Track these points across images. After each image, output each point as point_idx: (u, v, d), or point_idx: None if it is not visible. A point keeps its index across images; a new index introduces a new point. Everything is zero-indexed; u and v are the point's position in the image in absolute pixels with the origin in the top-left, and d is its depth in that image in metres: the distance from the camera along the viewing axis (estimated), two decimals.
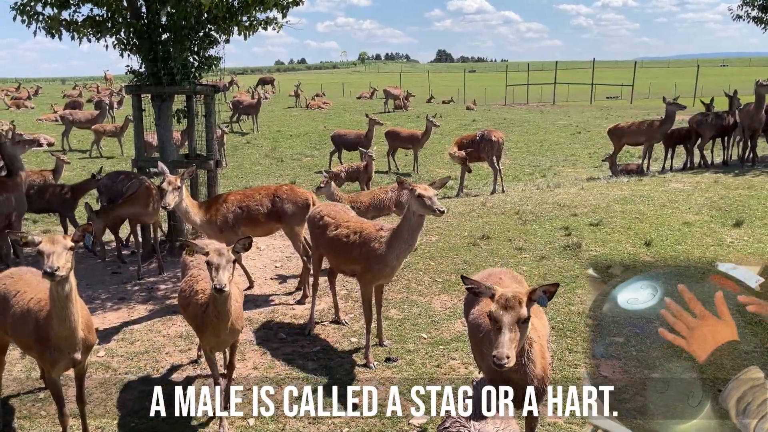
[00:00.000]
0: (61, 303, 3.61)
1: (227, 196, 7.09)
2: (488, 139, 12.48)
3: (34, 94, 38.30)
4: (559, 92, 39.05)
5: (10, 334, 4.20)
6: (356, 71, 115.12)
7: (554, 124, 24.99)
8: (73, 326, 3.70)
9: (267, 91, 38.04)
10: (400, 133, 16.45)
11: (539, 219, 9.56)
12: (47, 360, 3.87)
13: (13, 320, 4.01)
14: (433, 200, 4.89)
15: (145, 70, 8.24)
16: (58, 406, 4.05)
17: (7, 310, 4.07)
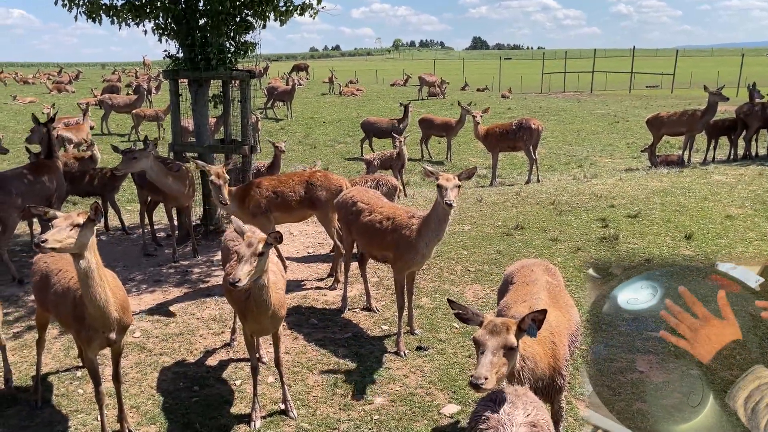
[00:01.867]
0: (82, 280, 3.64)
1: (261, 181, 7.12)
2: (527, 127, 12.19)
3: (75, 79, 39.15)
4: (597, 81, 38.24)
5: (52, 311, 4.30)
6: (390, 58, 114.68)
7: (591, 113, 24.51)
8: (101, 305, 3.73)
9: (301, 77, 38.15)
10: (433, 120, 16.32)
11: (575, 210, 9.38)
12: (83, 338, 3.94)
13: (55, 298, 4.10)
14: (447, 192, 4.77)
15: (182, 55, 8.31)
16: (95, 383, 4.12)
17: (48, 288, 4.18)
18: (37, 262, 4.51)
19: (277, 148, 9.16)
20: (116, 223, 9.31)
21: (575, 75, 39.49)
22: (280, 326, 4.41)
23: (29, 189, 7.28)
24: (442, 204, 4.83)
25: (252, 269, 3.65)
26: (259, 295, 3.95)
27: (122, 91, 27.61)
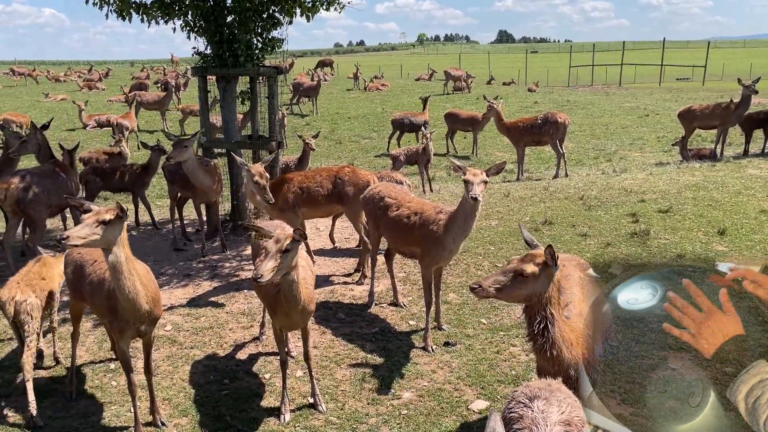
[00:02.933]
0: (112, 273, 3.72)
1: (289, 177, 7.16)
2: (553, 122, 12.08)
3: (105, 76, 39.83)
4: (626, 74, 37.62)
5: (88, 301, 4.40)
6: (415, 53, 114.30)
7: (620, 106, 24.14)
8: (131, 297, 3.80)
9: (326, 73, 38.25)
10: (459, 115, 16.23)
11: (605, 205, 9.26)
12: (116, 329, 4.04)
13: (90, 288, 4.19)
14: (473, 187, 4.74)
15: (210, 52, 8.38)
16: (127, 374, 4.20)
17: (84, 278, 4.27)
18: (71, 254, 4.60)
19: (308, 145, 9.19)
20: (146, 218, 9.44)
21: (603, 68, 38.89)
22: (309, 321, 4.43)
23: (56, 187, 7.43)
24: (468, 198, 4.80)
25: (276, 265, 3.66)
26: (289, 290, 3.97)
27: (150, 89, 27.97)
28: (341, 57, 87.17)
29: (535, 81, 34.33)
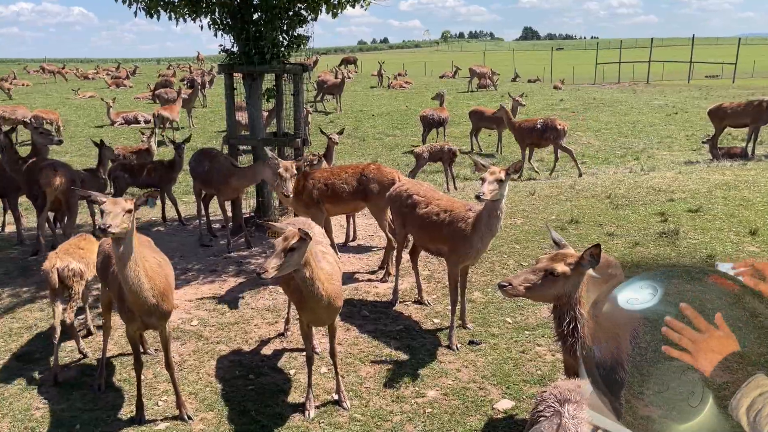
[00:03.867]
0: (120, 264, 3.79)
1: (314, 173, 7.18)
2: (552, 127, 12.45)
3: (132, 74, 40.37)
4: (653, 71, 37.01)
5: (110, 289, 4.52)
6: (438, 50, 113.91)
7: (648, 104, 23.76)
8: (135, 289, 3.87)
9: (350, 70, 38.31)
10: (484, 112, 16.11)
11: (632, 203, 9.12)
12: (123, 317, 4.23)
13: (111, 278, 4.31)
14: (485, 185, 4.69)
15: (237, 50, 8.43)
16: (134, 355, 4.40)
17: (108, 268, 4.38)
18: (102, 244, 4.76)
19: (331, 140, 9.20)
20: (173, 214, 9.55)
21: (630, 65, 38.31)
22: (336, 317, 4.44)
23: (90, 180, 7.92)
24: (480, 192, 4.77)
25: (281, 263, 3.66)
26: (305, 286, 3.97)
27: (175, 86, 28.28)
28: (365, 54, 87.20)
29: (560, 78, 33.96)
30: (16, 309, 6.36)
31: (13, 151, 8.12)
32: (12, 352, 5.45)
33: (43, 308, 6.35)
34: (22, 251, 8.27)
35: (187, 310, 6.17)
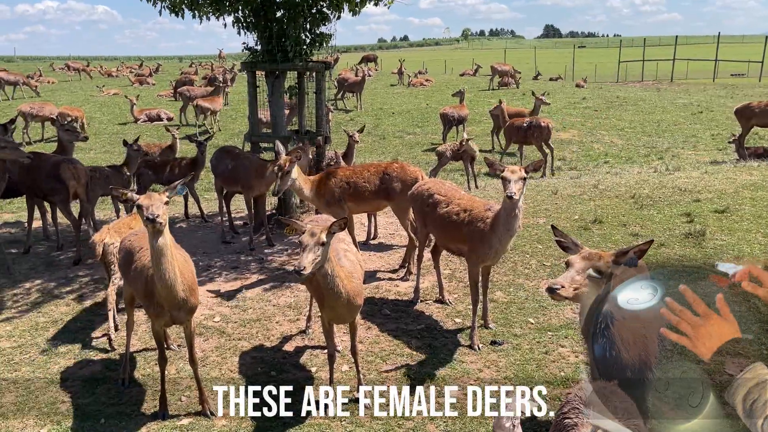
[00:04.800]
0: (157, 257, 3.82)
1: (336, 171, 7.18)
2: (537, 126, 12.98)
3: (155, 72, 40.76)
4: (678, 69, 36.45)
5: (131, 286, 4.57)
6: (459, 48, 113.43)
7: (672, 102, 23.41)
8: (169, 284, 3.91)
9: (370, 68, 38.29)
10: (506, 111, 15.95)
11: (657, 204, 8.99)
12: (151, 313, 4.24)
13: (134, 273, 4.35)
14: (510, 185, 4.64)
15: (260, 48, 8.47)
16: (159, 350, 4.43)
17: (131, 264, 4.43)
18: (124, 241, 4.80)
19: (352, 138, 9.20)
20: (195, 210, 9.63)
21: (654, 63, 37.77)
22: (357, 315, 4.43)
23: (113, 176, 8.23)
24: (504, 196, 4.72)
25: (316, 257, 3.69)
26: (326, 283, 3.98)
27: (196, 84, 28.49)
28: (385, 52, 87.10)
29: (583, 77, 33.60)
30: (42, 303, 6.46)
31: None
32: (38, 346, 5.53)
33: (69, 303, 6.45)
34: (48, 246, 8.40)
35: (209, 307, 6.21)
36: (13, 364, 5.21)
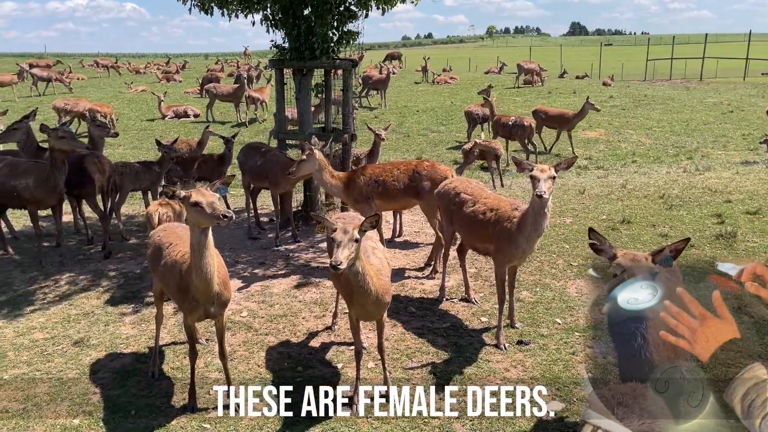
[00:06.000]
0: (201, 251, 3.87)
1: (365, 168, 7.20)
2: (520, 124, 13.50)
3: (182, 69, 41.18)
4: (707, 68, 35.79)
5: (160, 281, 4.61)
6: (483, 45, 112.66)
7: (702, 102, 23.01)
8: (209, 278, 3.96)
9: (395, 66, 38.25)
10: (548, 112, 15.56)
11: (687, 204, 8.85)
12: (185, 308, 4.25)
13: (164, 269, 4.40)
14: (540, 183, 4.59)
15: (288, 45, 8.52)
16: (190, 345, 4.48)
17: (160, 259, 4.48)
18: (152, 236, 4.86)
19: (378, 136, 9.21)
20: None
21: (682, 61, 37.14)
22: (384, 312, 4.44)
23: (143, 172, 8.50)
24: (533, 196, 4.68)
25: (351, 253, 3.73)
26: (356, 280, 4.00)
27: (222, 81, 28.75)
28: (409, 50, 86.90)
29: (609, 75, 33.18)
30: (74, 296, 6.59)
31: (32, 139, 8.15)
32: (70, 337, 5.64)
33: (100, 296, 6.57)
34: (79, 240, 8.56)
35: (236, 302, 6.28)
36: (46, 355, 5.32)
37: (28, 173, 7.07)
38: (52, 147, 6.95)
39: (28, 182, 7.04)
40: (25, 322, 5.97)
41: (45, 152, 7.81)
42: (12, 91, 25.79)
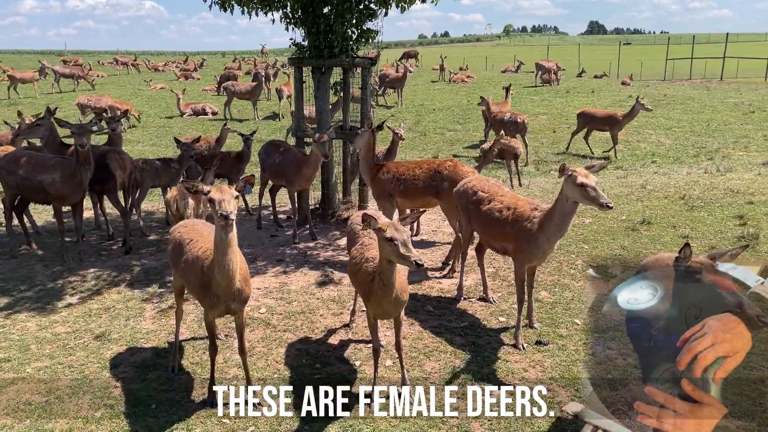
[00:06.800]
0: (224, 249, 3.88)
1: (389, 165, 7.24)
2: (514, 121, 14.07)
3: (200, 66, 41.46)
4: (727, 68, 35.30)
5: (181, 276, 4.63)
6: (500, 44, 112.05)
7: (723, 102, 22.71)
8: (231, 275, 3.97)
9: (411, 64, 38.18)
10: (595, 113, 15.14)
11: (708, 205, 8.75)
12: (206, 304, 4.26)
13: (186, 265, 4.42)
14: (598, 191, 4.55)
15: (307, 43, 8.53)
16: (210, 340, 4.50)
17: (181, 255, 4.51)
18: (173, 233, 4.88)
19: (397, 135, 9.20)
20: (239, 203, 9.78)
21: (702, 61, 36.67)
22: (402, 310, 4.45)
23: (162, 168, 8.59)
24: (595, 204, 4.58)
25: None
26: (387, 278, 4.01)
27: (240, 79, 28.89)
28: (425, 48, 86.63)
29: (628, 74, 32.85)
30: (95, 291, 6.67)
31: (55, 135, 8.21)
32: (91, 331, 5.71)
33: (120, 291, 6.64)
34: (99, 236, 8.66)
35: (255, 298, 6.31)
36: (68, 349, 5.39)
37: (55, 169, 7.16)
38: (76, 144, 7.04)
39: (54, 177, 7.13)
40: (47, 316, 6.05)
41: (68, 148, 7.90)
42: (33, 87, 26.12)
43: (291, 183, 7.98)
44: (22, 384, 4.79)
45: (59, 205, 7.38)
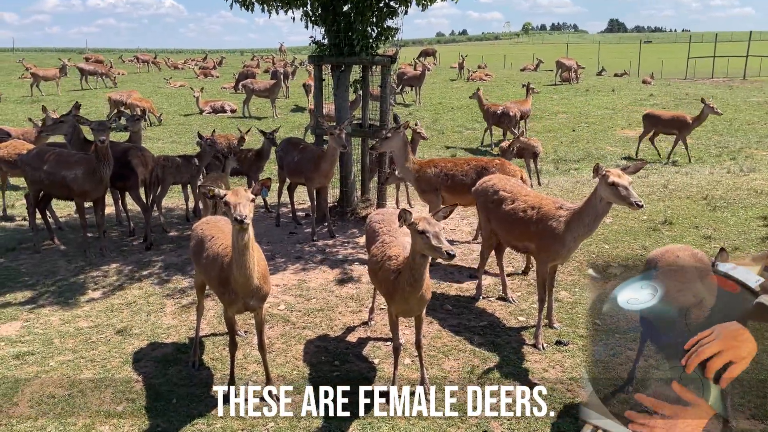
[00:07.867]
0: (240, 250, 3.91)
1: (437, 161, 7.32)
2: (505, 114, 14.85)
3: (219, 64, 41.69)
4: (750, 66, 34.73)
5: (202, 272, 4.68)
6: (519, 42, 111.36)
7: (746, 101, 22.35)
8: (248, 273, 4.01)
9: (429, 62, 38.10)
10: (661, 116, 14.46)
11: (731, 206, 8.62)
12: (225, 300, 4.31)
13: (206, 261, 4.47)
14: (630, 191, 4.52)
15: (327, 41, 8.55)
16: (230, 336, 4.55)
17: (202, 251, 4.56)
18: (195, 229, 4.93)
19: (420, 134, 9.18)
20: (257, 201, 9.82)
21: (725, 60, 36.12)
22: (424, 309, 4.44)
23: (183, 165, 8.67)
24: (626, 204, 4.59)
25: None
26: (418, 274, 4.01)
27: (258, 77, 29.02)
28: (443, 46, 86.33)
29: (649, 73, 32.47)
30: (116, 286, 6.75)
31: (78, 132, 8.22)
32: (113, 326, 5.78)
33: (142, 287, 6.71)
34: (121, 232, 8.76)
35: (274, 295, 6.34)
36: (91, 343, 5.46)
37: (78, 165, 7.26)
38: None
39: (77, 173, 7.23)
40: (70, 311, 6.14)
41: (91, 145, 7.99)
42: (55, 85, 26.47)
43: (310, 180, 8.00)
44: (46, 377, 4.86)
45: (81, 200, 7.48)
